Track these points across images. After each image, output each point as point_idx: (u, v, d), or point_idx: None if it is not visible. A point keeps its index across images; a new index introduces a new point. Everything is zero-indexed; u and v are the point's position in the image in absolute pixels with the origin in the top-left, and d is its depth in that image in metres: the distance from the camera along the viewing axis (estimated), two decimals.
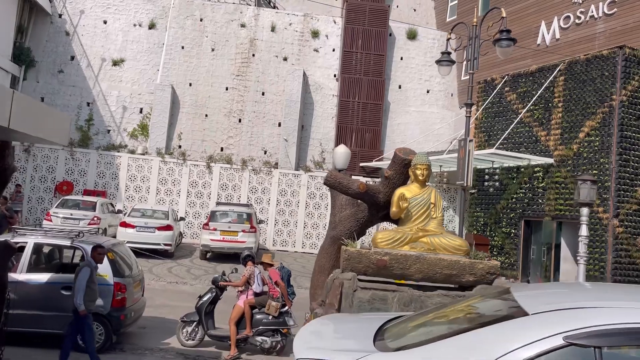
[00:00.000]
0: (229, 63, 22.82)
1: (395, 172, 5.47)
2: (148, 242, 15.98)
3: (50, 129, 5.28)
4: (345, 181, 5.66)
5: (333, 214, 6.70)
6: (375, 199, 5.72)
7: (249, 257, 8.80)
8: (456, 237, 4.91)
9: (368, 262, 4.66)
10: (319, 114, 22.91)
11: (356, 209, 6.38)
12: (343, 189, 5.70)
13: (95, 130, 22.12)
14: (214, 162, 21.21)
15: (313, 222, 21.27)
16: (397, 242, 4.70)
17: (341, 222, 6.49)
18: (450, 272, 4.64)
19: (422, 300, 4.53)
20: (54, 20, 22.64)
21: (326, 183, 5.71)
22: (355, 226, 6.38)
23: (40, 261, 8.00)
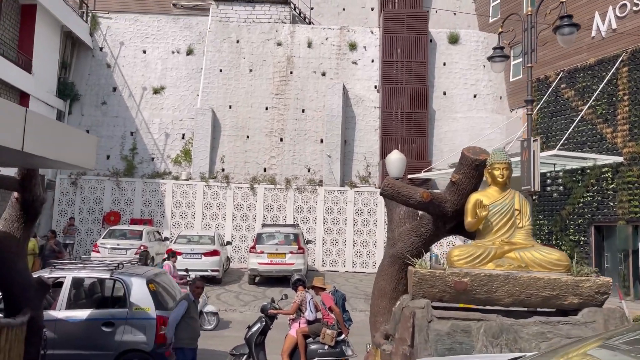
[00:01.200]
0: (267, 82, 22.51)
1: (464, 176, 4.64)
2: (195, 269, 15.53)
3: (74, 152, 4.76)
4: (405, 190, 4.87)
5: (391, 229, 5.90)
6: (441, 209, 4.90)
7: (300, 281, 8.08)
8: (553, 250, 4.02)
9: (444, 286, 3.84)
10: (362, 127, 22.19)
11: (418, 222, 5.56)
12: (403, 199, 4.91)
13: (140, 159, 22.16)
14: (258, 184, 20.78)
15: (362, 239, 20.40)
16: (478, 259, 3.87)
17: (401, 238, 5.67)
18: (548, 293, 3.76)
19: (516, 331, 3.67)
20: (95, 54, 23.04)
21: (383, 194, 4.94)
22: (418, 242, 5.55)
23: (80, 296, 7.55)
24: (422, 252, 5.64)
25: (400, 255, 5.64)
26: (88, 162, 4.96)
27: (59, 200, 20.39)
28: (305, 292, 7.95)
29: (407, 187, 4.95)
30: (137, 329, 7.06)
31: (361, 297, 14.66)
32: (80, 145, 4.85)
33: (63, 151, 4.54)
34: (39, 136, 4.12)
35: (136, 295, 7.20)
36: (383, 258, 6.01)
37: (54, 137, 4.38)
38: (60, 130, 4.60)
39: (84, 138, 4.99)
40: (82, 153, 4.87)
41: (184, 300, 6.80)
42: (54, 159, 4.41)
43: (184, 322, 6.69)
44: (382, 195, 5.13)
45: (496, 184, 4.32)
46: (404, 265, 5.76)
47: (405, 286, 5.93)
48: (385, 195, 5.00)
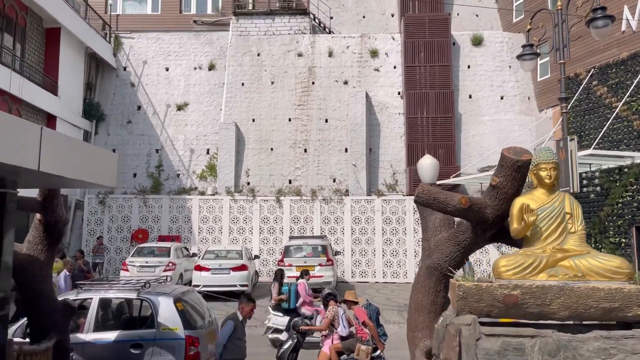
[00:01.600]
0: (289, 94, 22.41)
1: (505, 179, 4.30)
2: (224, 285, 15.40)
3: (94, 170, 4.59)
4: (442, 196, 4.55)
5: (426, 238, 5.57)
6: (481, 216, 4.56)
7: (331, 295, 7.79)
8: (611, 256, 3.64)
9: (492, 300, 3.50)
10: (386, 134, 21.85)
11: (455, 230, 5.22)
12: (440, 206, 4.60)
13: (166, 176, 22.25)
14: (284, 196, 20.60)
15: (392, 249, 19.98)
16: (528, 269, 3.53)
17: (437, 248, 5.34)
18: (609, 305, 3.38)
19: (575, 347, 3.30)
20: (119, 74, 23.34)
21: (417, 201, 4.63)
22: (456, 251, 5.21)
23: (108, 318, 7.40)
24: (461, 262, 5.30)
25: (438, 266, 5.31)
26: (109, 180, 4.79)
27: (88, 220, 20.57)
28: (338, 307, 7.65)
29: (444, 193, 4.63)
30: (165, 350, 6.85)
31: (394, 309, 14.25)
32: (101, 163, 4.68)
33: (82, 169, 4.38)
34: (56, 155, 3.96)
35: (164, 315, 7.01)
36: (419, 269, 5.68)
37: (72, 156, 4.21)
38: (78, 148, 4.44)
39: (104, 155, 4.84)
40: (102, 171, 4.70)
41: (231, 320, 6.65)
42: (73, 177, 4.24)
43: (231, 343, 6.52)
44: (416, 203, 4.82)
45: (543, 185, 3.97)
46: (442, 276, 5.43)
47: (445, 299, 5.59)
48: (420, 203, 4.69)
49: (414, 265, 19.74)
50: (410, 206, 19.97)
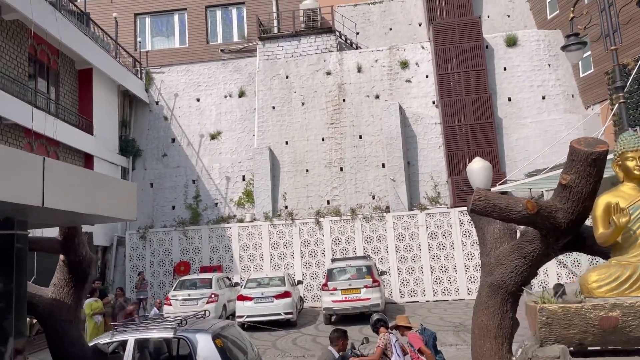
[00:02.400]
0: (321, 113, 22.03)
1: (577, 176, 3.62)
2: (268, 314, 14.87)
3: (110, 203, 4.16)
4: (502, 202, 3.90)
5: (484, 252, 4.89)
6: (552, 222, 3.88)
7: (381, 322, 7.13)
8: None
9: (584, 325, 2.84)
10: (424, 146, 21.09)
11: (520, 241, 4.54)
12: (501, 213, 3.95)
13: (204, 206, 22.11)
14: (323, 217, 20.04)
15: (440, 264, 19.04)
16: (626, 283, 2.84)
17: (500, 262, 4.65)
18: None
19: None
20: (152, 108, 23.56)
21: (475, 210, 3.99)
22: (523, 265, 4.52)
23: (145, 359, 6.95)
24: (529, 277, 4.61)
25: (502, 284, 4.63)
26: (128, 213, 4.37)
27: (130, 255, 20.54)
28: (389, 334, 6.98)
29: (505, 197, 3.98)
30: None
31: (449, 329, 13.35)
32: (116, 194, 4.27)
33: (96, 203, 3.96)
34: (63, 188, 3.54)
35: (203, 353, 6.52)
36: (480, 289, 4.99)
37: (82, 188, 3.80)
38: (89, 179, 4.03)
39: (120, 186, 4.43)
40: (120, 203, 4.29)
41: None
42: (85, 212, 3.81)
43: None
44: (472, 212, 4.18)
45: (631, 178, 3.28)
46: (508, 295, 4.74)
47: (513, 320, 4.88)
48: (477, 211, 4.05)
49: (465, 281, 18.73)
50: (456, 218, 19.07)
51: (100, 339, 6.81)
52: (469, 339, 11.43)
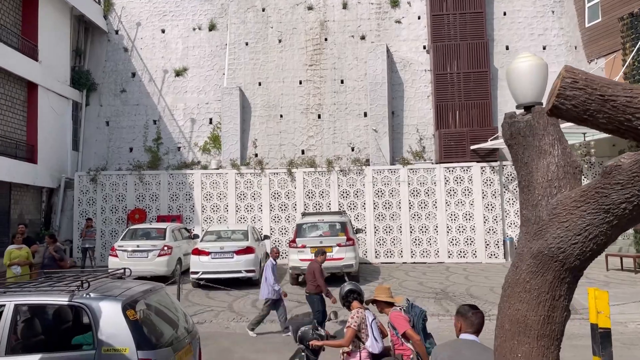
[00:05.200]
0: (299, 53, 19.81)
1: None
2: (227, 271, 13.15)
3: None
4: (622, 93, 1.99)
5: (529, 202, 3.08)
6: None
7: (354, 294, 5.39)
8: None
9: None
10: (411, 95, 19.17)
11: (601, 184, 2.67)
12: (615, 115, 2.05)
13: (165, 150, 19.99)
14: (296, 168, 18.17)
15: (421, 224, 17.50)
16: None
17: (557, 220, 2.84)
18: None
19: None
20: (110, 38, 20.97)
21: (562, 107, 2.07)
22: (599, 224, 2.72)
23: (28, 334, 5.10)
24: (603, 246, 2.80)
25: (557, 253, 2.83)
26: None
27: (79, 199, 18.45)
28: (364, 310, 5.25)
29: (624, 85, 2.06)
30: None
31: (429, 296, 11.84)
32: None
33: None
34: None
35: (107, 328, 4.71)
36: (516, 259, 3.19)
37: None
38: None
39: None
40: None
41: None
42: None
43: None
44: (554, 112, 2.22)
45: None
46: (564, 272, 2.95)
47: (567, 312, 3.11)
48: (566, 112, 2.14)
49: (447, 243, 17.28)
50: (442, 175, 17.42)
51: None
52: (453, 309, 9.72)
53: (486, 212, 17.27)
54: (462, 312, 3.61)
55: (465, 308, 3.63)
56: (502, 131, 3.21)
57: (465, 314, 3.59)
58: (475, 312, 3.63)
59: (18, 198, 17.01)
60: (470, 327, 3.56)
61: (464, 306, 3.66)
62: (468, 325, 3.57)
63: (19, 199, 17.02)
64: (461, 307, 3.67)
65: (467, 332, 3.54)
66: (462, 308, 3.64)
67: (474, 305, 3.69)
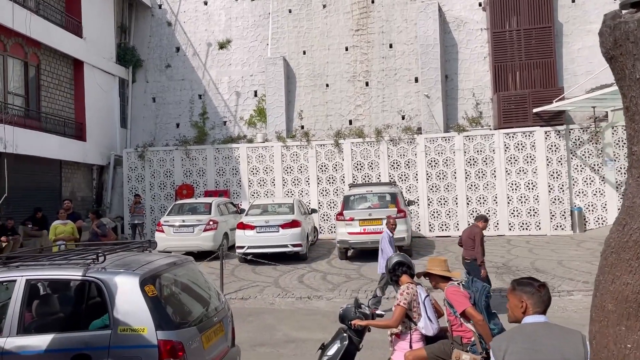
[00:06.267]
0: (345, 18, 18.82)
1: None
2: (272, 245, 12.68)
3: None
4: None
5: (639, 131, 2.14)
6: None
7: (403, 266, 4.64)
8: None
9: None
10: (466, 56, 17.84)
11: None
12: None
13: (211, 124, 19.68)
14: (343, 139, 17.38)
15: (478, 195, 16.37)
16: None
17: None
18: None
19: None
20: (154, 13, 20.70)
21: None
22: None
23: (39, 312, 4.68)
24: None
25: None
26: None
27: (128, 176, 18.49)
28: (416, 286, 4.49)
29: None
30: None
31: (490, 271, 10.87)
32: None
33: None
34: None
35: (123, 306, 4.21)
36: (621, 217, 2.32)
37: None
38: None
39: None
40: None
41: None
42: None
43: None
44: None
45: None
46: None
47: None
48: None
49: (507, 215, 16.10)
50: (501, 142, 16.15)
51: None
52: None
53: (551, 180, 15.91)
54: (525, 287, 2.75)
55: (527, 282, 2.79)
56: (601, 40, 2.33)
57: (530, 290, 2.74)
58: (541, 285, 2.79)
59: (69, 176, 17.20)
60: (539, 305, 2.71)
61: (524, 279, 2.82)
62: (536, 303, 2.72)
63: (70, 177, 17.21)
64: (520, 281, 2.81)
65: (537, 312, 2.70)
66: (524, 282, 2.79)
67: (532, 278, 2.85)
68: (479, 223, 8.55)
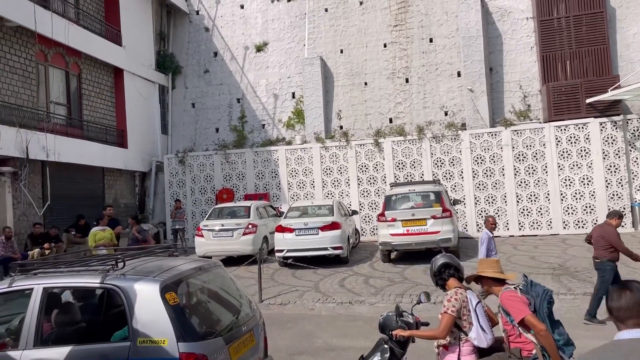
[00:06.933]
0: (382, 14, 18.30)
1: None
2: (312, 248, 12.28)
3: None
4: None
5: None
6: None
7: (450, 268, 4.12)
8: None
9: None
10: (511, 47, 16.96)
11: None
12: None
13: (250, 128, 19.54)
14: (383, 137, 16.83)
15: (529, 192, 15.47)
16: None
17: None
18: None
19: None
20: (192, 19, 20.80)
21: None
22: None
23: (58, 322, 4.42)
24: None
25: None
26: None
27: (170, 182, 18.56)
28: (466, 291, 3.97)
29: None
30: None
31: (545, 273, 10.12)
32: None
33: None
34: None
35: (143, 315, 3.89)
36: None
37: None
38: None
39: None
40: None
41: None
42: None
43: None
44: None
45: None
46: None
47: None
48: None
49: (561, 212, 15.13)
50: (552, 135, 15.22)
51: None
52: (575, 286, 7.89)
53: (608, 174, 14.84)
54: (623, 296, 2.17)
55: (630, 284, 2.21)
56: None
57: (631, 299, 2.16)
58: None
59: (112, 183, 17.39)
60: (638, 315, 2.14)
61: (629, 283, 2.23)
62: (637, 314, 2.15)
63: (112, 184, 17.40)
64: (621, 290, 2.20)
65: (636, 325, 2.12)
66: (627, 288, 2.20)
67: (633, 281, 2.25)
68: (612, 220, 7.67)
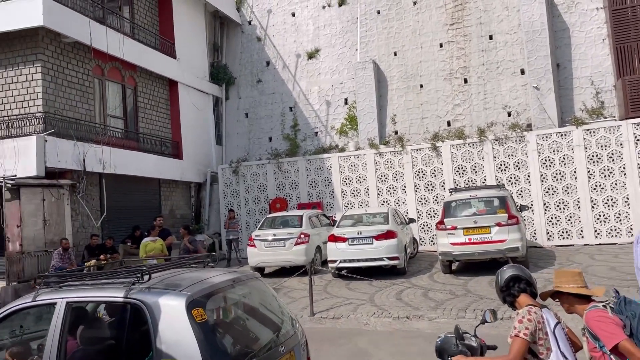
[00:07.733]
0: (437, 13, 17.54)
1: None
2: (366, 258, 11.66)
3: None
4: None
5: None
6: None
7: (519, 282, 3.44)
8: None
9: None
10: (580, 40, 15.72)
11: None
12: None
13: (303, 136, 19.25)
14: (441, 141, 15.99)
15: (605, 197, 14.14)
16: None
17: None
18: None
19: None
20: (244, 29, 20.87)
21: None
22: None
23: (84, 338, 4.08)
24: None
25: None
26: None
27: (224, 192, 18.51)
28: (542, 309, 3.28)
29: None
30: None
31: (629, 285, 9.00)
32: None
33: None
34: None
35: (168, 333, 3.47)
36: None
37: None
38: None
39: None
40: None
41: None
42: None
43: None
44: None
45: None
46: None
47: None
48: None
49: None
50: (630, 134, 13.86)
51: (21, 301, 4.08)
52: None
53: None
54: None
55: None
56: None
57: None
58: None
59: (168, 194, 17.53)
60: None
61: None
62: None
63: (168, 195, 17.54)
64: None
65: None
66: None
67: None
68: None
